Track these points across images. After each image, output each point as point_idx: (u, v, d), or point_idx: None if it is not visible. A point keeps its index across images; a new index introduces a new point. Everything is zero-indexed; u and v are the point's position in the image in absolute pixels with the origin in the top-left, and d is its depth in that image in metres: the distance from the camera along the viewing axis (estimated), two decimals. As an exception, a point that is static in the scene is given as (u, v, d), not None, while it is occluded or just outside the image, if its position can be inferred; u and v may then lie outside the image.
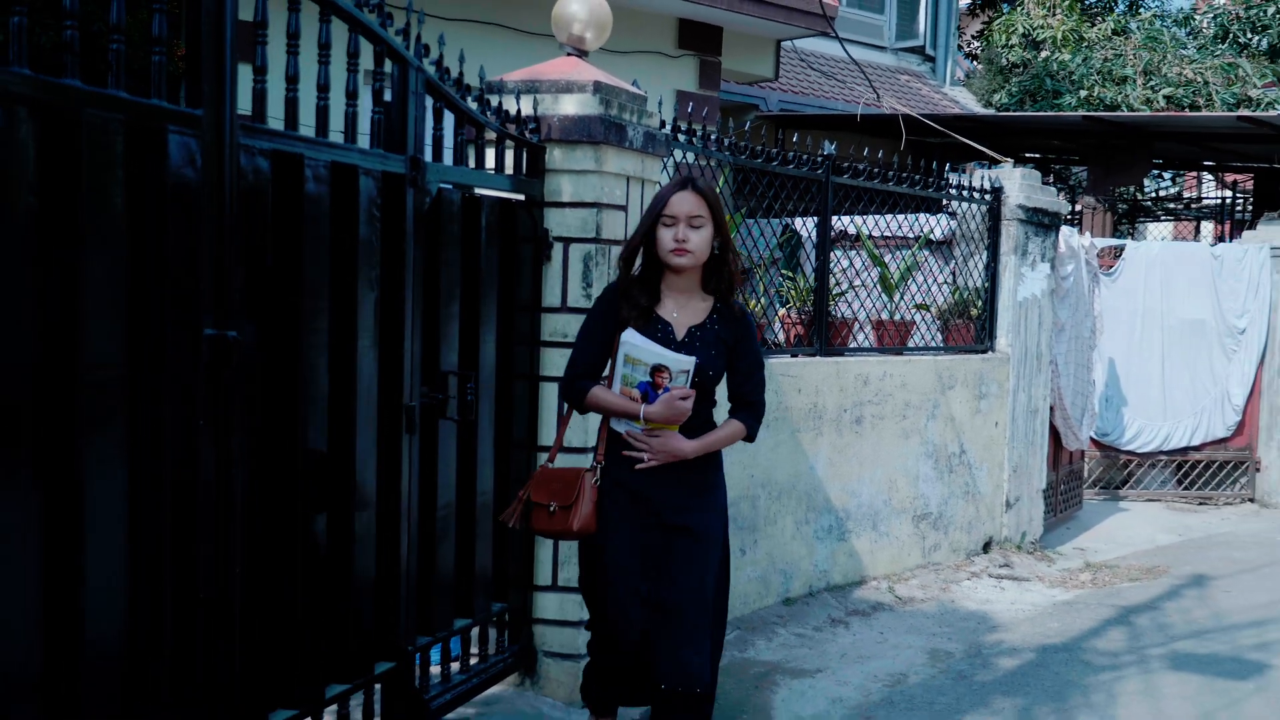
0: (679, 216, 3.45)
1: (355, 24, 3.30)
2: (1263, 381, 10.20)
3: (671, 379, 3.43)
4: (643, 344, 3.44)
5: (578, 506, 3.52)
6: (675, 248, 3.46)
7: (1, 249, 2.26)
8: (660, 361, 3.43)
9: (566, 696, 4.45)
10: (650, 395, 3.46)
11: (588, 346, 3.60)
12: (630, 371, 3.46)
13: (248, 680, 2.98)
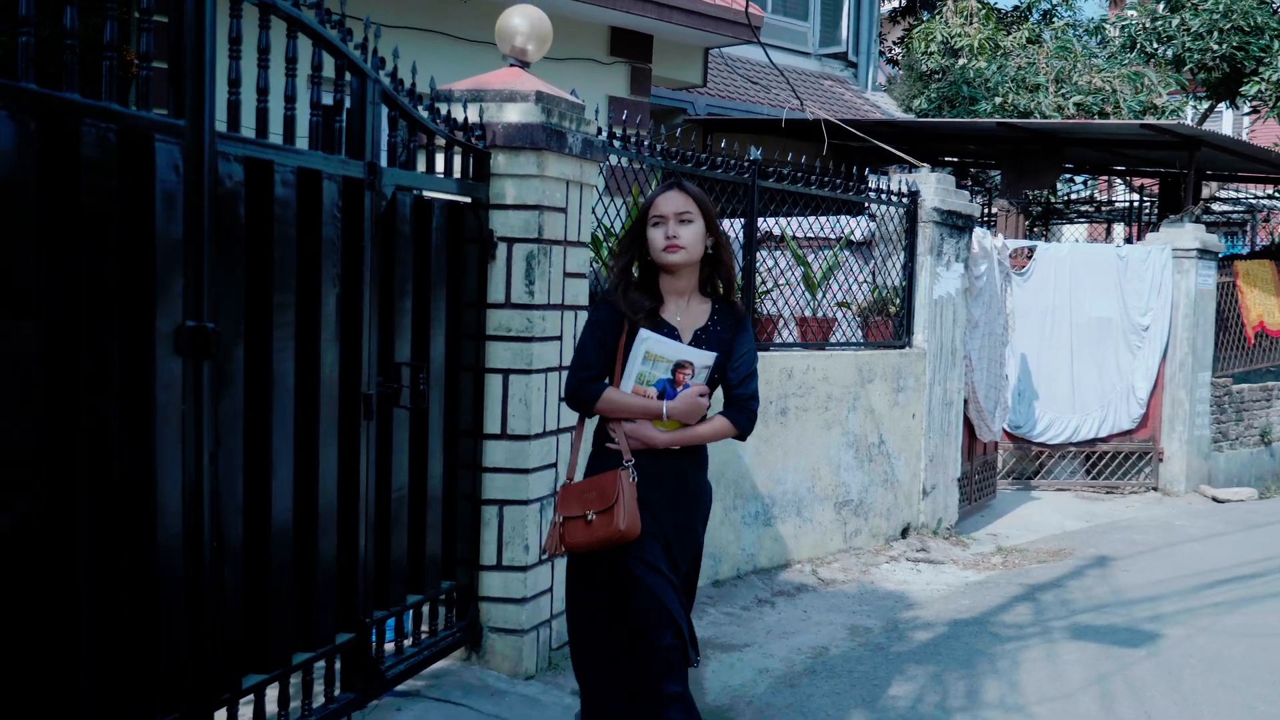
0: (667, 215, 3.49)
1: (319, 40, 3.56)
2: (1165, 376, 10.74)
3: (694, 375, 3.48)
4: (664, 341, 3.48)
5: (619, 506, 3.45)
6: (667, 244, 3.48)
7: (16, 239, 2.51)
8: (684, 358, 3.47)
9: (510, 669, 4.73)
10: (669, 393, 3.48)
11: (593, 350, 3.57)
12: (649, 369, 3.48)
13: (224, 647, 3.23)
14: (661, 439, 3.50)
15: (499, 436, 4.68)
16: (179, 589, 3.04)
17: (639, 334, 3.48)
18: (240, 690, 3.34)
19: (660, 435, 3.50)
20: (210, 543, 3.13)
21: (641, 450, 3.51)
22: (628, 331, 3.53)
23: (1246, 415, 11.93)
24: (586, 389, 3.55)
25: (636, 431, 3.50)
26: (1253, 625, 5.89)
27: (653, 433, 3.50)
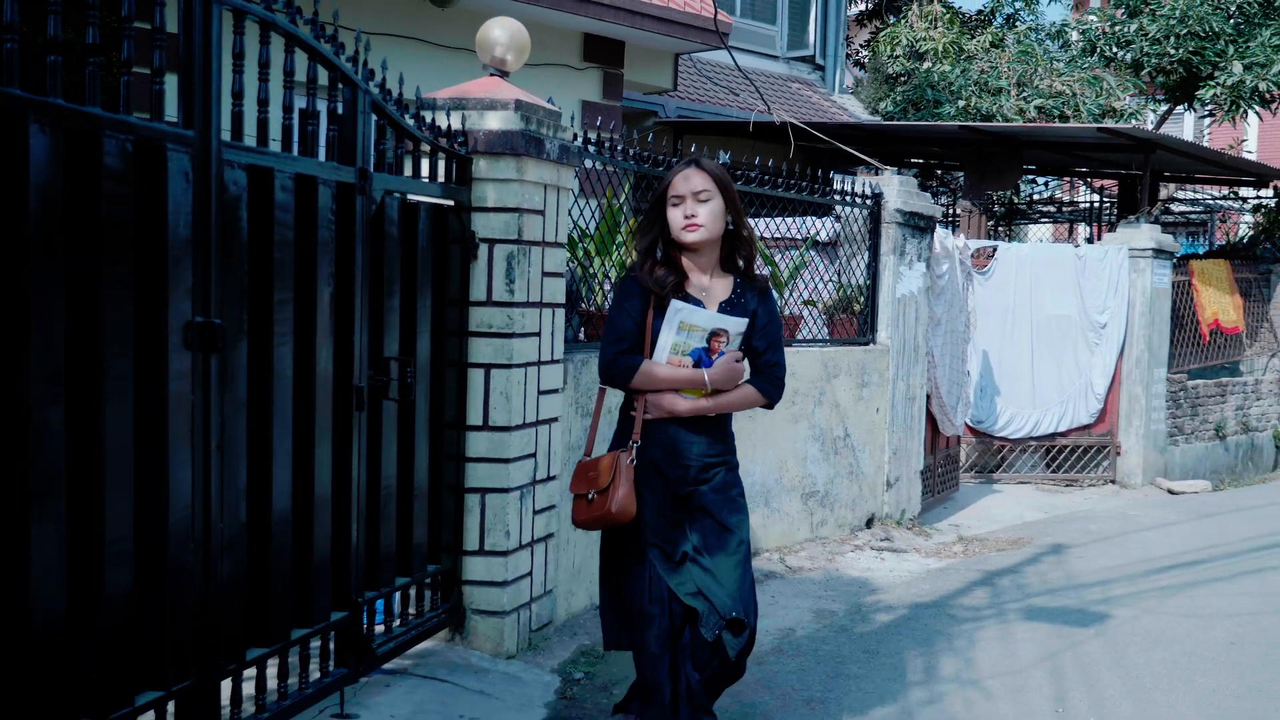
0: (684, 195, 3.56)
1: (314, 54, 3.80)
2: (1122, 372, 11.08)
3: (729, 342, 3.56)
4: (698, 310, 3.56)
5: (614, 488, 3.56)
6: (686, 224, 3.56)
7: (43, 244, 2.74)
8: (719, 325, 3.54)
9: (493, 649, 4.97)
10: (705, 361, 3.55)
11: (626, 323, 3.63)
12: (683, 339, 3.54)
13: (229, 622, 3.46)
14: (684, 407, 3.56)
15: (481, 428, 4.92)
16: (189, 566, 3.27)
17: (672, 304, 3.53)
18: (244, 662, 3.57)
19: (683, 403, 3.57)
20: (218, 524, 3.37)
21: (665, 420, 3.58)
22: (655, 307, 3.58)
23: (1202, 410, 12.29)
24: (622, 362, 3.60)
25: (660, 401, 3.56)
26: (1196, 607, 6.20)
27: (678, 402, 3.57)
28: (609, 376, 3.66)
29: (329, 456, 3.96)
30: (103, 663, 2.98)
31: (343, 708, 4.17)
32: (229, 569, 3.45)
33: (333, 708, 4.15)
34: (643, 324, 3.59)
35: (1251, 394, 13.23)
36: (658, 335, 3.59)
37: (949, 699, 4.72)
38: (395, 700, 4.35)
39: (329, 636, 4.07)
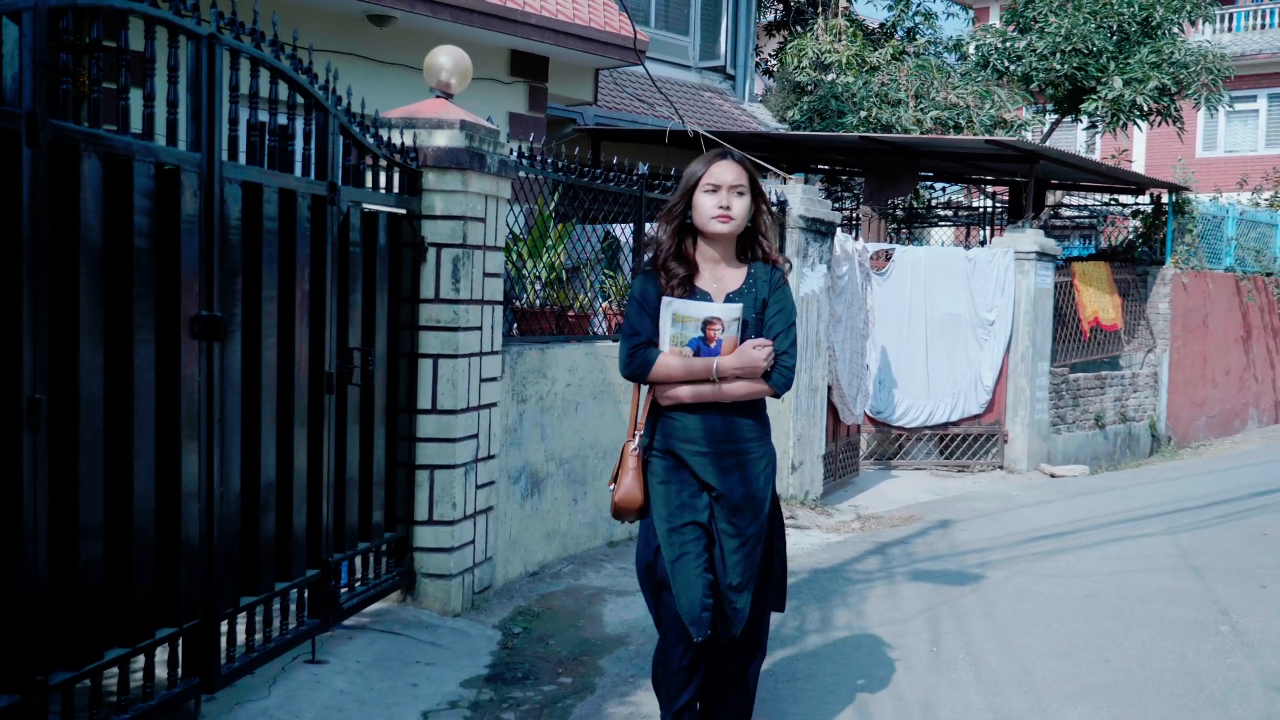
0: (722, 184, 3.59)
1: (294, 85, 4.40)
2: (1009, 366, 11.96)
3: (724, 329, 3.57)
4: (687, 302, 3.59)
5: (620, 479, 3.69)
6: (719, 214, 3.57)
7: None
8: (710, 314, 3.57)
9: (440, 608, 5.59)
10: (703, 350, 3.58)
11: (640, 318, 3.66)
12: (679, 331, 3.58)
13: (228, 573, 4.05)
14: (685, 394, 3.60)
15: (430, 411, 5.54)
16: (196, 524, 3.86)
17: (664, 299, 3.60)
18: (239, 607, 4.17)
19: (685, 391, 3.60)
20: (218, 486, 3.96)
21: (686, 407, 3.63)
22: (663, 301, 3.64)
23: (1083, 401, 13.25)
24: (639, 356, 3.64)
25: (666, 390, 3.62)
26: (1060, 569, 7.01)
27: (680, 390, 3.61)
28: (629, 371, 3.69)
29: (305, 433, 4.56)
30: (130, 601, 3.56)
31: (314, 654, 4.77)
32: (227, 527, 4.04)
33: (304, 655, 4.75)
34: (656, 320, 3.63)
35: (1129, 386, 14.24)
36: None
37: (841, 643, 5.44)
38: (359, 649, 4.96)
39: (304, 591, 4.67)
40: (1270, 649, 5.46)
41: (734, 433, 3.65)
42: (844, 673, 5.02)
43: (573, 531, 6.89)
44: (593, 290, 7.60)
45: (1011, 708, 4.64)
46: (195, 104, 3.81)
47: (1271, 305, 17.18)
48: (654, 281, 3.65)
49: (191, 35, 3.77)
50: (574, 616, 5.84)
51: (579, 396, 6.87)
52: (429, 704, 4.56)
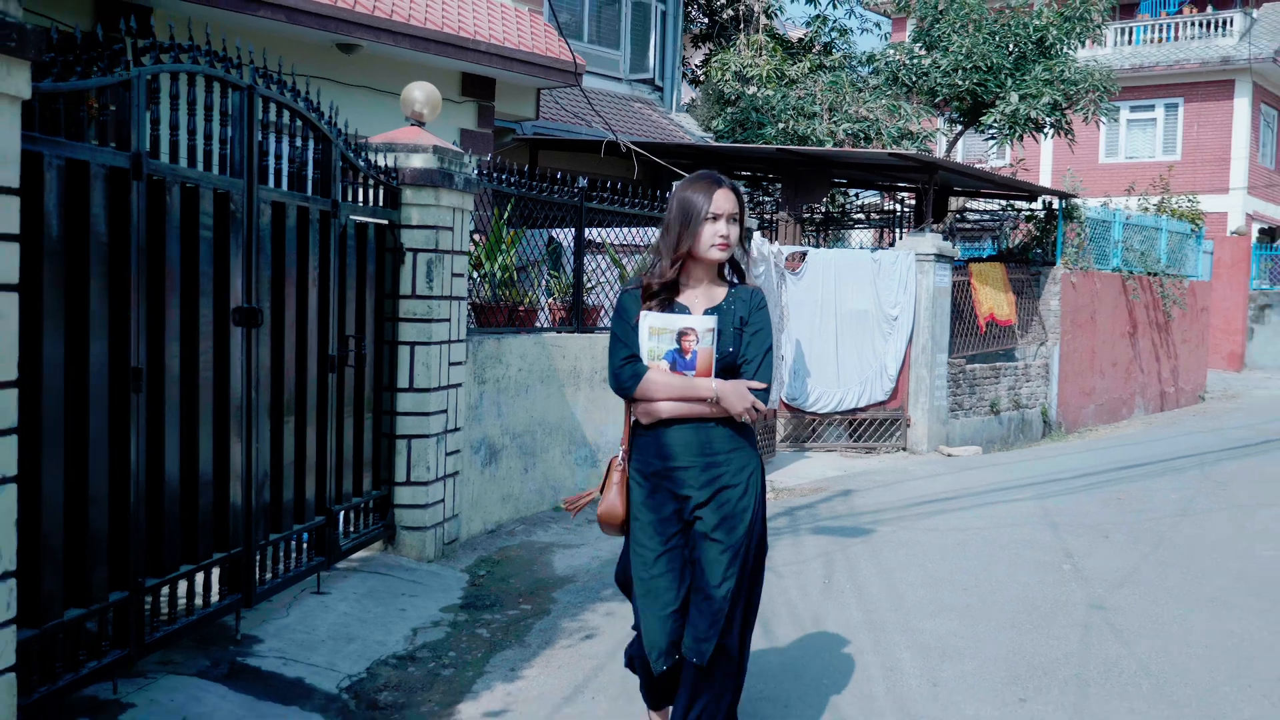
0: (722, 214, 3.65)
1: (308, 122, 5.45)
2: (911, 357, 13.20)
3: (698, 340, 3.62)
4: (661, 315, 3.68)
5: (605, 493, 3.79)
6: (719, 243, 3.65)
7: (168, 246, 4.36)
8: (685, 325, 3.63)
9: (417, 556, 6.65)
10: (678, 363, 3.63)
11: (623, 335, 3.73)
12: (656, 344, 3.64)
13: (261, 513, 5.09)
14: (667, 410, 3.65)
15: (408, 390, 6.59)
16: (241, 470, 4.90)
17: (641, 313, 3.70)
18: (269, 542, 5.21)
19: (666, 407, 3.65)
20: (255, 444, 5.00)
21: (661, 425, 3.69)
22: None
23: (979, 389, 14.55)
24: (626, 370, 3.70)
25: (649, 406, 3.68)
26: (938, 525, 8.22)
27: (659, 406, 3.66)
28: (617, 385, 3.75)
29: (315, 404, 5.60)
30: (195, 529, 4.60)
31: (319, 586, 5.82)
32: (259, 476, 5.08)
33: (311, 588, 5.79)
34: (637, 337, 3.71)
35: (1022, 376, 15.59)
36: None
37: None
38: (354, 585, 6.01)
39: (313, 534, 5.71)
40: (1100, 581, 6.70)
41: (714, 443, 3.66)
42: (752, 599, 6.17)
43: (524, 496, 7.98)
44: (539, 288, 8.68)
45: (884, 620, 5.82)
46: (241, 138, 4.85)
47: (1156, 303, 18.67)
48: (635, 299, 3.73)
49: (236, 87, 4.81)
50: (529, 563, 6.93)
51: (529, 380, 7.95)
52: (416, 623, 5.63)
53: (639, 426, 3.75)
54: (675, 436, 3.67)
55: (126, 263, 4.08)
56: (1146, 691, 4.92)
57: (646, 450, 3.72)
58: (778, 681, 4.90)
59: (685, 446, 3.66)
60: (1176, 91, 30.66)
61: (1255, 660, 5.38)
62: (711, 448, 3.66)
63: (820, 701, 4.70)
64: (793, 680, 4.93)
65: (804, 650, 5.35)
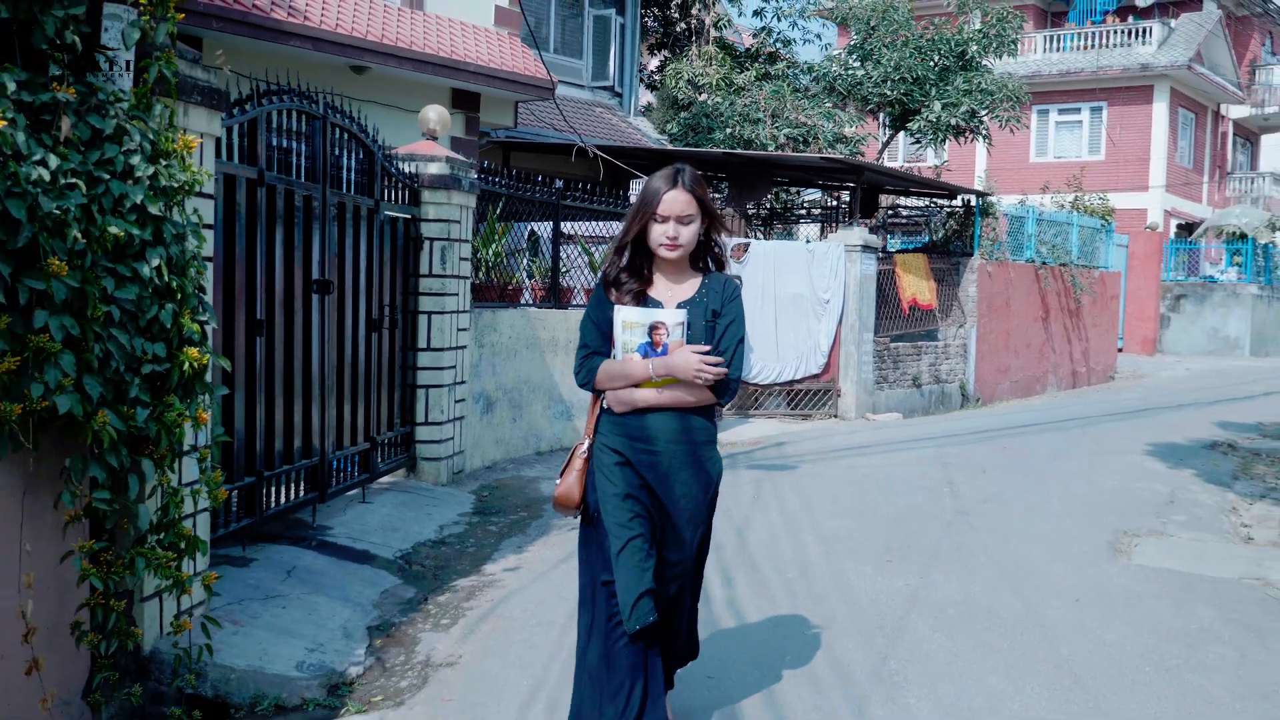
0: (670, 215, 3.67)
1: (360, 141, 7.18)
2: (841, 336, 15.04)
3: (669, 334, 3.65)
4: (634, 309, 3.72)
5: (565, 476, 3.84)
6: (666, 243, 3.67)
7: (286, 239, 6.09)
8: (655, 319, 3.67)
9: (433, 481, 8.40)
10: (651, 355, 3.67)
11: (587, 331, 3.82)
12: (629, 338, 3.69)
13: (335, 435, 6.83)
14: (642, 399, 3.71)
15: (426, 349, 8.34)
16: (318, 402, 6.64)
17: (615, 308, 3.74)
18: (334, 457, 6.95)
19: (641, 395, 3.71)
20: (329, 384, 6.74)
21: (636, 413, 3.73)
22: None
23: (902, 365, 16.44)
24: (585, 366, 3.81)
25: (618, 396, 3.74)
26: (851, 465, 10.08)
27: (635, 395, 3.71)
28: (579, 380, 3.87)
29: (364, 355, 7.35)
30: (288, 442, 6.34)
31: (364, 497, 7.56)
32: (329, 407, 6.82)
33: (358, 498, 7.53)
34: (607, 332, 3.78)
35: (942, 355, 17.49)
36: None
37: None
38: (389, 498, 7.75)
39: (362, 455, 7.46)
40: (969, 499, 8.57)
41: (685, 433, 3.74)
42: (698, 509, 7.99)
43: (513, 441, 9.75)
44: (523, 271, 10.44)
45: (797, 520, 7.65)
46: (319, 154, 6.59)
47: (1067, 290, 20.65)
48: (603, 295, 3.81)
49: (314, 116, 6.55)
50: (520, 488, 8.71)
51: (516, 346, 9.72)
52: (441, 522, 7.40)
53: (612, 412, 3.79)
54: (655, 423, 3.71)
55: (255, 245, 5.82)
56: (981, 561, 6.78)
57: (622, 432, 3.75)
58: (717, 550, 6.71)
59: (656, 434, 3.71)
60: (1101, 96, 32.83)
61: (1069, 544, 7.26)
62: (682, 437, 3.72)
63: (746, 561, 6.52)
64: (727, 550, 6.74)
65: (736, 536, 7.16)
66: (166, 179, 4.02)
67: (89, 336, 3.64)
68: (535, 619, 5.51)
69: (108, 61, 4.01)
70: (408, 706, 4.51)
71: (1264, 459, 11.17)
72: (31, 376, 3.49)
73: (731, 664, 4.93)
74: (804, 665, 4.94)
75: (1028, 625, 5.56)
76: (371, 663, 5.00)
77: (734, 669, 4.87)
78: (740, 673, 4.83)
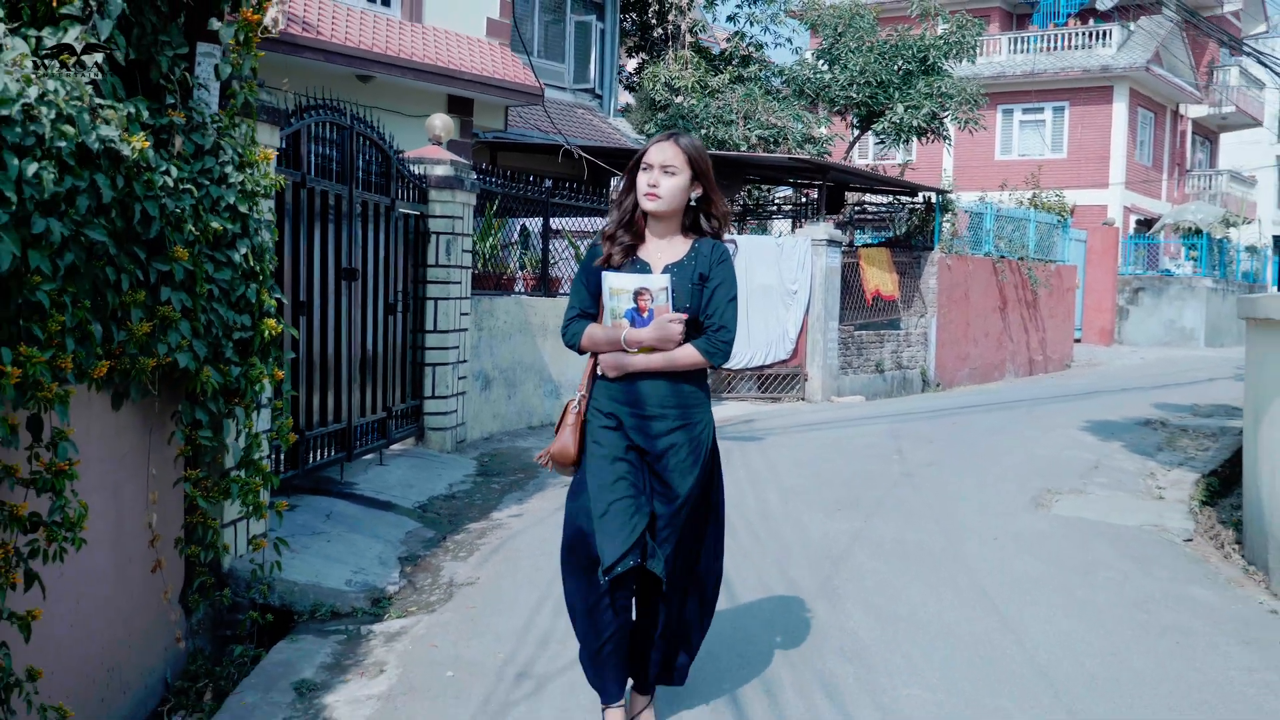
0: (654, 164, 3.69)
1: (379, 148, 8.21)
2: (808, 324, 16.13)
3: (653, 299, 3.67)
4: (619, 275, 3.73)
5: (560, 433, 3.85)
6: (647, 192, 3.68)
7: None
8: (640, 285, 3.68)
9: (439, 448, 9.43)
10: (637, 321, 3.69)
11: (576, 292, 3.86)
12: (616, 304, 3.71)
13: (359, 403, 7.86)
14: (635, 364, 3.73)
15: (433, 331, 9.37)
16: (345, 374, 7.67)
17: (602, 275, 3.76)
18: (358, 422, 7.98)
19: (633, 360, 3.73)
20: (356, 353, 7.78)
21: (625, 376, 3.75)
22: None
23: (866, 352, 17.54)
24: (570, 329, 3.87)
25: (610, 360, 3.76)
26: (812, 436, 11.16)
27: (625, 359, 3.73)
28: (566, 341, 3.92)
29: (381, 336, 8.38)
30: (322, 408, 7.37)
31: (381, 460, 8.60)
32: (354, 379, 7.85)
33: (375, 461, 8.56)
34: (595, 293, 3.83)
35: (904, 342, 18.60)
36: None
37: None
38: (402, 461, 8.79)
39: (380, 423, 8.49)
40: (914, 464, 9.67)
41: (675, 396, 3.78)
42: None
43: (508, 415, 10.80)
44: (515, 263, 11.48)
45: (761, 477, 8.73)
46: (347, 161, 7.62)
47: (1024, 283, 21.81)
48: (593, 258, 3.84)
49: (343, 127, 7.58)
50: (517, 456, 9.75)
51: (510, 330, 10.76)
52: (450, 480, 8.44)
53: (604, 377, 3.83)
54: (645, 388, 3.74)
55: (298, 238, 6.84)
56: (917, 511, 7.87)
57: (612, 396, 3.80)
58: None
59: (645, 398, 3.75)
60: (1063, 96, 34.04)
61: (997, 499, 8.36)
62: (670, 401, 3.76)
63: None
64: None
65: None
66: (250, 184, 5.05)
67: (197, 308, 4.66)
68: (538, 551, 6.56)
69: (202, 89, 5.04)
70: (439, 613, 5.56)
71: (1189, 434, 12.32)
72: (157, 339, 4.51)
73: (702, 582, 6.01)
74: (763, 583, 6.01)
75: (949, 557, 6.65)
76: (404, 584, 6.04)
77: (704, 585, 5.95)
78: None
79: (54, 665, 3.87)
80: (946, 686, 4.64)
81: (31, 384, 3.46)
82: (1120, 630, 5.42)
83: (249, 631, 5.29)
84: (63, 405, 3.60)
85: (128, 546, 4.52)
